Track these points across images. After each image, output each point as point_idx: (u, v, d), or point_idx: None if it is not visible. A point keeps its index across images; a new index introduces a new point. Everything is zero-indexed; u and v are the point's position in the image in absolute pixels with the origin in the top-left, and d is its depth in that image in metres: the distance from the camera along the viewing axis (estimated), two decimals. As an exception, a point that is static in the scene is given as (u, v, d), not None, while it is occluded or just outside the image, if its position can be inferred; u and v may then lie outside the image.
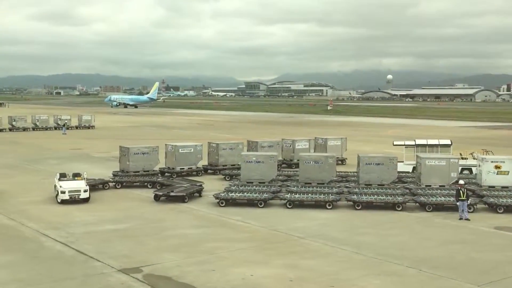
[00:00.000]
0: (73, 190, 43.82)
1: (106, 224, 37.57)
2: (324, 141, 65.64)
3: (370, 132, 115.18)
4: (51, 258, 30.30)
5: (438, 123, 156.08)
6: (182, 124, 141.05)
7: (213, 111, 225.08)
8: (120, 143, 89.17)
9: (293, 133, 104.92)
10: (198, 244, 32.89)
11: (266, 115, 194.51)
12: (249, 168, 48.63)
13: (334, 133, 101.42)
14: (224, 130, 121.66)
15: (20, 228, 36.42)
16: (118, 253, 30.85)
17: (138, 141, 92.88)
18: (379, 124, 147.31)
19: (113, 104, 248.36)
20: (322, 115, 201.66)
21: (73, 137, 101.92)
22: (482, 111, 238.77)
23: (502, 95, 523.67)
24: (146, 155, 55.11)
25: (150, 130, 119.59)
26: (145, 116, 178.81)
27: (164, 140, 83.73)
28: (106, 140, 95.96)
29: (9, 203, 44.18)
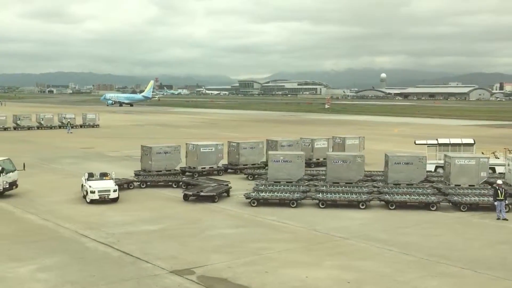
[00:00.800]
0: (103, 190, 43.42)
1: (143, 225, 37.16)
2: (342, 140, 65.42)
3: (376, 131, 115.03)
4: (98, 259, 29.89)
5: (440, 121, 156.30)
6: (185, 123, 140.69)
7: (211, 110, 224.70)
8: (130, 142, 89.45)
9: (299, 132, 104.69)
10: (241, 244, 32.56)
11: (266, 114, 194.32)
12: (276, 167, 48.32)
13: (340, 131, 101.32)
14: (229, 128, 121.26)
15: (57, 229, 35.99)
16: (164, 254, 30.48)
17: (148, 140, 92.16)
18: (382, 122, 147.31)
19: (108, 103, 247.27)
20: (321, 113, 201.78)
21: (80, 136, 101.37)
22: (479, 109, 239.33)
23: (495, 93, 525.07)
24: (168, 154, 54.76)
25: (156, 129, 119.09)
26: (146, 115, 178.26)
27: (175, 139, 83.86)
28: (114, 139, 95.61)
29: (38, 203, 43.73)
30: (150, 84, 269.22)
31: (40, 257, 29.97)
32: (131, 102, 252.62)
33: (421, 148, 59.65)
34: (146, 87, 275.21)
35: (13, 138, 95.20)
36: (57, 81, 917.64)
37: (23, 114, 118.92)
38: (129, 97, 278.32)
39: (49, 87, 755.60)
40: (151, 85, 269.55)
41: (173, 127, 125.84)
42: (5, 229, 35.95)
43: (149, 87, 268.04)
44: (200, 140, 68.87)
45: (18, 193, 46.49)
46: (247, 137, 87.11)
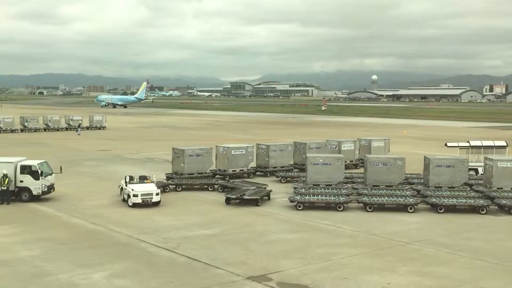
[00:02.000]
0: (146, 193, 42.84)
1: (196, 229, 36.67)
2: (367, 142, 65.11)
3: (385, 133, 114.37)
4: (166, 265, 29.36)
5: (443, 123, 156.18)
6: (191, 125, 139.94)
7: (209, 112, 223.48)
8: (144, 144, 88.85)
9: (307, 134, 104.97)
10: (306, 249, 32.13)
11: (266, 116, 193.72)
12: (315, 170, 47.88)
13: (348, 134, 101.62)
14: (238, 131, 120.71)
15: (111, 234, 35.41)
16: (232, 260, 30.03)
17: (162, 142, 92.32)
18: (387, 124, 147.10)
19: (102, 104, 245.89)
20: (319, 115, 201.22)
21: (91, 138, 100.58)
22: (475, 111, 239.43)
23: (487, 95, 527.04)
24: (200, 157, 54.24)
25: (164, 131, 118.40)
26: (147, 117, 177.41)
27: (188, 141, 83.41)
28: (127, 141, 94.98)
29: (81, 207, 43.18)
30: (143, 86, 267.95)
31: (107, 263, 29.39)
32: (125, 103, 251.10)
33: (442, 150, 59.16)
34: (136, 89, 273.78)
35: (23, 140, 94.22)
36: (46, 83, 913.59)
37: (30, 115, 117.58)
38: (122, 98, 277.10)
39: (39, 89, 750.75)
40: (144, 86, 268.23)
41: (180, 129, 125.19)
42: (58, 233, 35.34)
43: (141, 88, 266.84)
44: (216, 142, 68.40)
45: (54, 196, 45.73)
46: (260, 139, 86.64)
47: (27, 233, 35.17)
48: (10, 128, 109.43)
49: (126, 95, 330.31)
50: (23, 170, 44.25)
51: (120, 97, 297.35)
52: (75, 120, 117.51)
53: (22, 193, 44.04)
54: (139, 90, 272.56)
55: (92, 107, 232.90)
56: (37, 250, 31.57)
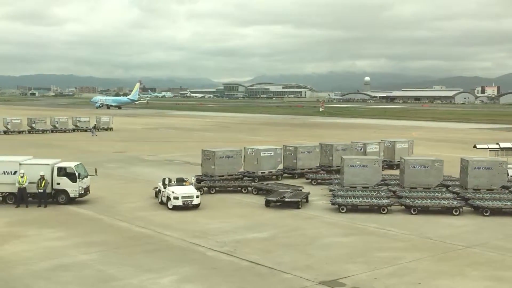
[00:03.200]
0: (187, 196, 42.31)
1: (246, 232, 36.25)
2: (392, 144, 64.73)
3: (393, 135, 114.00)
4: (232, 269, 28.92)
5: (446, 125, 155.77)
6: (194, 126, 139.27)
7: (207, 113, 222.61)
8: (158, 146, 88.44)
9: (316, 135, 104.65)
10: (366, 253, 31.74)
11: (268, 117, 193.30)
12: (352, 172, 47.45)
13: (356, 135, 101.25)
14: (245, 132, 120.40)
15: (162, 237, 34.88)
16: (296, 264, 29.64)
17: (174, 143, 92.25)
18: (391, 126, 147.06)
19: (96, 105, 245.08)
20: (319, 116, 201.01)
21: (103, 140, 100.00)
22: (472, 112, 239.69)
23: (480, 97, 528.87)
24: (231, 158, 53.69)
25: (172, 133, 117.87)
26: (148, 118, 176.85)
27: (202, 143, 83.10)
28: (139, 143, 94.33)
29: (119, 209, 42.68)
30: (136, 87, 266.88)
31: (170, 267, 28.92)
32: (119, 104, 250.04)
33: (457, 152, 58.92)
34: (129, 90, 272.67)
35: (34, 142, 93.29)
36: (38, 84, 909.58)
37: (38, 117, 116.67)
38: (116, 99, 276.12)
39: (31, 90, 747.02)
40: (137, 87, 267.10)
41: (186, 130, 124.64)
42: (108, 237, 34.75)
43: (134, 89, 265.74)
44: (231, 144, 68.04)
45: (89, 199, 45.32)
46: (272, 141, 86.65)
47: (75, 237, 34.55)
48: (18, 130, 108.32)
49: (118, 96, 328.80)
50: (60, 172, 43.42)
51: (114, 98, 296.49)
52: (83, 121, 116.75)
53: (59, 195, 43.38)
54: (132, 91, 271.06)
55: (88, 108, 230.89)
56: (93, 254, 30.95)
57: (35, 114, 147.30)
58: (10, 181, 42.93)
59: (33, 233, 35.48)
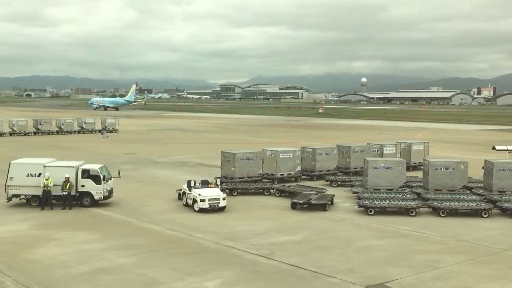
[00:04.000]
0: (213, 198, 42.01)
1: (278, 235, 35.99)
2: (407, 145, 64.58)
3: (398, 136, 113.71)
4: (274, 273, 28.69)
5: (448, 126, 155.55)
6: (199, 127, 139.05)
7: (208, 114, 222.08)
8: (168, 147, 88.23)
9: (321, 137, 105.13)
10: (405, 256, 31.56)
11: (269, 118, 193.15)
12: (376, 174, 47.21)
13: (366, 136, 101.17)
14: (252, 133, 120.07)
15: (196, 240, 34.61)
16: (338, 267, 29.43)
17: (182, 145, 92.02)
18: (396, 127, 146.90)
19: (94, 107, 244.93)
20: (319, 118, 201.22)
21: (109, 141, 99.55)
22: (471, 114, 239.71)
23: (476, 98, 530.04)
24: (251, 160, 53.38)
25: (177, 134, 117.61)
26: (150, 119, 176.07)
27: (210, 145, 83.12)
28: (147, 144, 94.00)
29: (145, 212, 42.40)
30: (132, 88, 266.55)
31: (212, 271, 28.64)
32: (116, 106, 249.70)
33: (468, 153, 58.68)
34: (125, 91, 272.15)
35: (42, 143, 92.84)
36: (33, 85, 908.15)
37: (44, 118, 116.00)
38: (113, 101, 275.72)
39: (26, 91, 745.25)
40: (133, 89, 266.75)
41: (191, 132, 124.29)
42: (141, 240, 34.43)
43: (131, 91, 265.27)
44: (240, 145, 67.64)
45: (111, 201, 45.02)
46: (279, 142, 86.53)
47: (109, 239, 34.21)
48: (24, 131, 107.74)
49: (115, 98, 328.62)
50: (84, 174, 43.04)
51: (111, 99, 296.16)
52: (88, 123, 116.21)
53: (83, 198, 43.01)
54: (128, 93, 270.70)
55: (86, 110, 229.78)
56: (131, 257, 30.62)
57: (34, 115, 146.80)
58: (35, 184, 42.58)
59: (64, 235, 35.08)
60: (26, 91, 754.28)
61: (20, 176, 42.64)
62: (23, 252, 31.52)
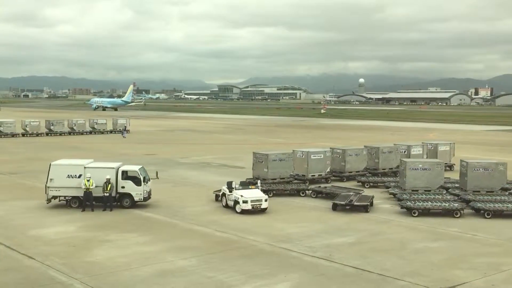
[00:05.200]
0: (256, 199, 41.74)
1: (329, 236, 35.85)
2: (434, 146, 64.40)
3: (412, 137, 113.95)
4: (340, 275, 28.48)
5: (455, 126, 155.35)
6: (207, 128, 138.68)
7: (211, 115, 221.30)
8: (185, 148, 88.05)
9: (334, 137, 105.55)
10: (465, 259, 31.47)
11: (276, 119, 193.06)
12: (414, 175, 47.05)
13: (376, 137, 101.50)
14: (265, 134, 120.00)
15: (249, 242, 34.38)
16: (402, 270, 29.32)
17: (200, 146, 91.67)
18: (405, 128, 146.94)
19: (93, 107, 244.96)
20: (322, 118, 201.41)
21: (124, 142, 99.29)
22: (473, 114, 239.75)
23: (475, 98, 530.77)
24: (283, 161, 53.14)
25: (190, 135, 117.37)
26: (157, 120, 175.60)
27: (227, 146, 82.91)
28: (164, 145, 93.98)
29: (187, 213, 42.26)
30: (130, 89, 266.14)
31: (277, 273, 28.54)
32: (114, 106, 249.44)
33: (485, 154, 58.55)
34: (122, 92, 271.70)
35: (57, 144, 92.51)
36: (30, 85, 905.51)
37: (56, 119, 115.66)
38: (111, 101, 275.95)
39: (24, 91, 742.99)
40: (131, 89, 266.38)
41: (202, 132, 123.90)
42: (193, 242, 34.21)
43: (128, 91, 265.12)
44: (258, 146, 67.10)
45: (149, 202, 44.69)
46: (294, 143, 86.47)
47: (162, 241, 33.98)
48: (36, 132, 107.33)
49: (112, 98, 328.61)
50: (124, 175, 42.74)
51: (110, 100, 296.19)
52: (100, 123, 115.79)
53: (123, 199, 42.67)
54: (126, 93, 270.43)
55: (86, 110, 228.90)
56: (191, 259, 30.40)
57: (34, 116, 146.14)
58: (75, 185, 42.27)
59: (115, 237, 34.81)
60: (23, 91, 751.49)
61: (60, 178, 42.33)
62: (80, 254, 31.25)
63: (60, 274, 27.65)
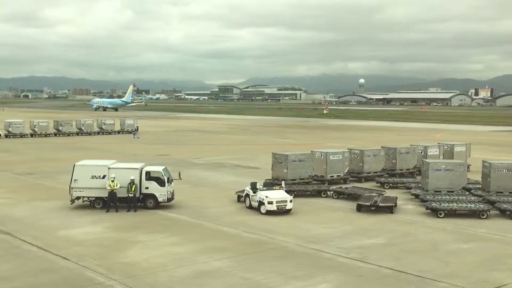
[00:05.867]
0: (281, 200, 41.61)
1: (360, 237, 35.81)
2: (450, 147, 64.24)
3: (419, 137, 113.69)
4: (379, 277, 28.47)
5: (459, 127, 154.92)
6: (214, 128, 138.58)
7: (214, 115, 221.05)
8: (196, 149, 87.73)
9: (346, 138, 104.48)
10: (501, 260, 31.34)
11: (280, 119, 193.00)
12: (437, 176, 46.91)
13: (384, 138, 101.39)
14: (270, 134, 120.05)
15: (280, 243, 34.28)
16: (440, 271, 29.16)
17: (210, 146, 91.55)
18: (411, 128, 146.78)
19: (93, 107, 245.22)
20: (326, 118, 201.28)
21: (133, 142, 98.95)
22: (476, 115, 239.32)
23: (476, 99, 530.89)
24: (302, 162, 52.94)
25: (197, 135, 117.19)
26: (162, 121, 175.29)
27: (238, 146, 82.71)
28: (172, 146, 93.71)
29: (212, 214, 42.13)
30: (130, 89, 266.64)
31: (315, 275, 28.47)
32: (115, 106, 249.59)
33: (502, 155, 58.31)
34: (122, 92, 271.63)
35: (67, 145, 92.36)
36: (29, 86, 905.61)
37: (65, 120, 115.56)
38: (112, 101, 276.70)
39: (23, 92, 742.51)
40: (130, 90, 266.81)
41: (210, 133, 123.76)
42: (225, 243, 34.15)
43: (128, 92, 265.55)
44: (269, 147, 66.76)
45: (172, 203, 44.50)
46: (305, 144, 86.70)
47: (191, 242, 33.86)
48: (45, 132, 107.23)
49: (112, 99, 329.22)
50: (148, 176, 42.58)
51: (110, 100, 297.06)
52: (108, 124, 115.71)
53: (147, 200, 42.49)
54: (126, 94, 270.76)
55: (88, 111, 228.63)
56: (225, 260, 30.26)
57: (38, 116, 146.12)
58: (99, 186, 42.10)
59: (145, 238, 34.70)
60: (23, 91, 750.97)
61: (84, 178, 42.16)
62: (113, 254, 31.13)
63: (98, 275, 27.51)
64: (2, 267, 28.61)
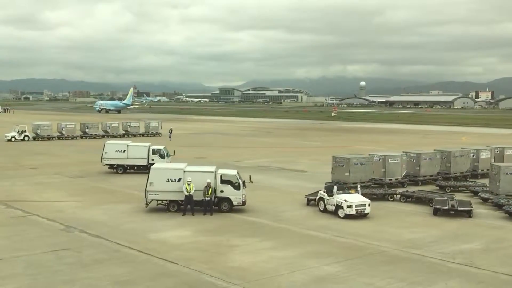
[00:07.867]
0: (360, 204, 41.10)
1: (456, 242, 35.65)
2: (500, 150, 63.90)
3: (443, 140, 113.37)
4: (500, 283, 28.07)
5: (480, 130, 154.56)
6: (234, 131, 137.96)
7: (225, 117, 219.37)
8: (230, 151, 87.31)
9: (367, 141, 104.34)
10: None
11: (293, 122, 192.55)
12: (509, 180, 46.37)
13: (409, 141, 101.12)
14: (295, 137, 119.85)
15: (378, 248, 33.97)
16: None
17: (243, 149, 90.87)
18: (433, 131, 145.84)
19: (96, 109, 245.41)
20: (335, 121, 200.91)
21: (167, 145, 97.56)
22: (485, 117, 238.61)
23: (478, 102, 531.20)
24: (364, 165, 52.48)
25: (222, 138, 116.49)
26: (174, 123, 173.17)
27: (269, 149, 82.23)
28: (203, 148, 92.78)
29: (290, 218, 41.84)
30: (130, 91, 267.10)
31: (434, 280, 28.25)
32: (117, 109, 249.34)
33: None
34: (123, 94, 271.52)
35: (98, 147, 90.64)
36: (29, 88, 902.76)
37: (91, 122, 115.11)
38: (114, 104, 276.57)
39: (23, 94, 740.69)
40: (131, 92, 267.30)
41: (234, 135, 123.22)
42: (325, 247, 33.72)
43: (129, 94, 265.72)
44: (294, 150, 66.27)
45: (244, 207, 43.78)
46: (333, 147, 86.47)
47: (289, 247, 33.41)
48: (72, 135, 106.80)
49: (113, 101, 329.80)
50: (222, 179, 42.08)
51: (113, 102, 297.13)
52: (133, 126, 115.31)
53: (221, 203, 41.99)
54: (127, 96, 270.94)
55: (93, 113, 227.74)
56: (335, 265, 30.01)
57: (43, 118, 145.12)
58: (174, 189, 41.63)
59: (239, 242, 34.23)
60: (23, 94, 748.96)
61: (160, 181, 41.69)
62: (219, 259, 30.70)
63: (217, 280, 26.96)
64: (118, 271, 28.04)
